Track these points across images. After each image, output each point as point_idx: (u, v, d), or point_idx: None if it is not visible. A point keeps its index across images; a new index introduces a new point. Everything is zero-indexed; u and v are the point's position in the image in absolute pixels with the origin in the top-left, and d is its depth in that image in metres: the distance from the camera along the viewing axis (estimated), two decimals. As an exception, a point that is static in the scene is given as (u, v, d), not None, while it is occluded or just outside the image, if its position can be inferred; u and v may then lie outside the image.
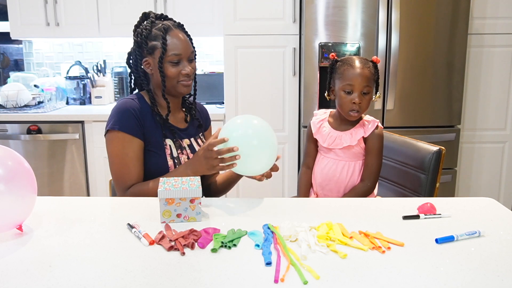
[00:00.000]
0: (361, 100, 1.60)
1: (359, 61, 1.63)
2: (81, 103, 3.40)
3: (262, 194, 3.03)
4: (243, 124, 1.38)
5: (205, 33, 3.18)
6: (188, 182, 1.26)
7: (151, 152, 1.52)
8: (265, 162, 1.39)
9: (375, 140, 1.65)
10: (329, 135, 1.69)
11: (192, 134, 1.63)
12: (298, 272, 0.94)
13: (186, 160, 1.55)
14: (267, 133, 1.38)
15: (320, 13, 2.69)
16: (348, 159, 1.67)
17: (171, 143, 1.55)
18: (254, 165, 1.38)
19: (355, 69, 1.61)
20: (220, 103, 3.28)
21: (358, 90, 1.60)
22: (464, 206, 1.36)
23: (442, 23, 2.71)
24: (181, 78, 1.52)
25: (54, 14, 3.16)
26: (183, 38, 1.53)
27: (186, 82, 1.53)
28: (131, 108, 1.51)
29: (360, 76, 1.60)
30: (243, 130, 1.36)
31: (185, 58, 1.52)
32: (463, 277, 0.93)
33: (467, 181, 3.07)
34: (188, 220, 1.24)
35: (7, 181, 1.06)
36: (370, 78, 1.61)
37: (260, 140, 1.36)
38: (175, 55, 1.50)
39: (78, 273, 0.94)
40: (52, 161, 3.02)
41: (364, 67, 1.61)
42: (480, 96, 2.97)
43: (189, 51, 1.54)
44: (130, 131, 1.48)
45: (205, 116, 1.75)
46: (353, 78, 1.60)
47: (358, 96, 1.60)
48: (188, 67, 1.52)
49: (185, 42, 1.53)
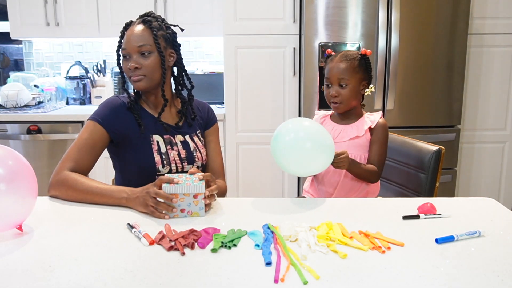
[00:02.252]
0: (338, 93, 1.65)
1: (341, 55, 1.68)
2: (81, 103, 3.41)
3: (262, 194, 3.03)
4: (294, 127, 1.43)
5: (205, 33, 3.18)
6: (192, 178, 1.28)
7: (135, 148, 1.52)
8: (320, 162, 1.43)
9: (380, 129, 1.68)
10: (333, 128, 1.72)
11: (187, 131, 1.61)
12: (298, 272, 0.94)
13: (176, 156, 1.55)
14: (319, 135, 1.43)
15: (320, 13, 2.69)
16: (353, 150, 1.66)
17: (159, 139, 1.54)
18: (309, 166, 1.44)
19: (333, 63, 1.67)
20: (220, 103, 3.28)
21: (335, 83, 1.66)
22: (464, 206, 1.36)
23: (442, 23, 2.71)
24: (129, 73, 1.50)
25: (54, 14, 3.16)
26: (135, 32, 1.47)
27: (135, 77, 1.49)
28: (114, 104, 1.53)
29: (336, 69, 1.65)
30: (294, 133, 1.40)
31: (133, 52, 1.47)
32: (463, 277, 0.93)
33: (467, 181, 3.07)
34: (192, 215, 1.25)
35: (8, 181, 1.06)
36: (347, 70, 1.64)
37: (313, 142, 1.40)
38: (123, 50, 1.50)
39: (78, 273, 0.94)
40: (52, 161, 3.02)
41: (342, 60, 1.65)
42: (480, 96, 2.97)
43: (135, 45, 1.46)
44: (101, 122, 1.49)
45: (207, 114, 1.71)
46: (329, 71, 1.67)
47: (335, 89, 1.65)
48: (131, 62, 1.47)
49: (135, 36, 1.47)
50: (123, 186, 1.38)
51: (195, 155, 1.59)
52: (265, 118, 2.99)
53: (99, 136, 1.49)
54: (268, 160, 3.01)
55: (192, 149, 1.59)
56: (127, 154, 1.54)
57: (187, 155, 1.57)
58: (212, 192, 1.30)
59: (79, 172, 1.43)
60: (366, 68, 1.68)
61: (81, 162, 1.45)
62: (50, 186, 1.42)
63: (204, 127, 1.69)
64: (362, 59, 1.67)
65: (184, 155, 1.56)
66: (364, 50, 1.69)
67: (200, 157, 1.61)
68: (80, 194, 1.36)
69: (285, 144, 1.39)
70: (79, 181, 1.38)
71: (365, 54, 1.68)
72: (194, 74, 3.30)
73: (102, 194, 1.35)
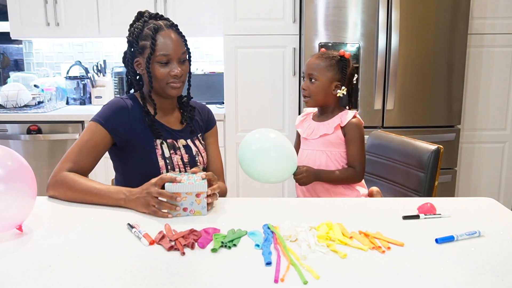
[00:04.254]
0: (306, 87, 1.70)
1: (321, 52, 1.75)
2: (81, 103, 3.41)
3: (262, 194, 3.03)
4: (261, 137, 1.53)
5: (205, 33, 3.18)
6: (194, 177, 1.29)
7: (139, 152, 1.50)
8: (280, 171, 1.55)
9: (353, 129, 1.68)
10: (308, 126, 1.76)
11: (189, 135, 1.60)
12: (298, 272, 0.94)
13: (179, 161, 1.53)
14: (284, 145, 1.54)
15: (320, 13, 2.69)
16: (323, 147, 1.69)
17: (163, 144, 1.52)
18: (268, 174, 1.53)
19: (311, 58, 1.73)
20: (220, 103, 3.28)
21: (307, 77, 1.71)
22: (464, 206, 1.36)
23: (442, 23, 2.71)
24: (170, 79, 1.48)
25: (54, 14, 3.16)
26: (174, 38, 1.48)
27: (175, 84, 1.48)
28: (119, 107, 1.50)
29: (310, 64, 1.71)
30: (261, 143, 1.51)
31: (175, 59, 1.48)
32: (463, 277, 0.93)
33: (467, 181, 3.07)
34: (194, 214, 1.26)
35: (7, 181, 1.06)
36: (319, 66, 1.69)
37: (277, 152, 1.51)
38: (164, 56, 1.46)
39: (78, 273, 0.94)
40: (52, 161, 3.01)
41: (318, 57, 1.71)
42: (480, 96, 2.97)
43: (179, 52, 1.48)
44: (103, 124, 1.46)
45: (206, 117, 1.70)
46: (306, 66, 1.74)
47: (305, 83, 1.71)
48: (177, 68, 1.47)
49: (175, 43, 1.47)
50: (122, 187, 1.37)
51: (197, 159, 1.58)
52: (265, 118, 2.99)
53: (101, 138, 1.46)
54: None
55: (194, 153, 1.57)
56: (131, 158, 1.51)
57: (190, 159, 1.56)
58: (214, 191, 1.31)
59: (78, 174, 1.42)
60: (341, 70, 1.69)
61: (81, 163, 1.44)
62: (48, 186, 1.41)
63: (204, 130, 1.68)
64: (340, 60, 1.69)
65: (187, 159, 1.55)
66: (343, 51, 1.71)
67: (202, 161, 1.60)
68: (78, 194, 1.36)
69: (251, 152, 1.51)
70: (77, 181, 1.38)
71: (343, 56, 1.69)
72: (194, 74, 3.30)
73: (100, 195, 1.34)
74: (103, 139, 1.47)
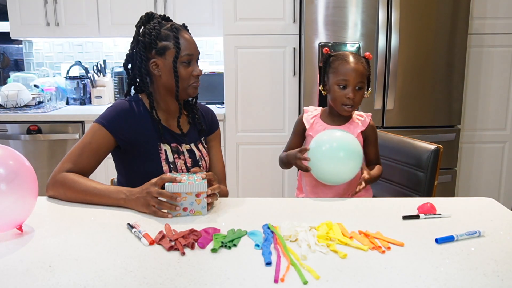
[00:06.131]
0: (355, 95, 1.60)
1: (353, 56, 1.63)
2: (81, 103, 3.40)
3: (262, 194, 3.03)
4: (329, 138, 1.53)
5: (205, 33, 3.18)
6: (194, 177, 1.29)
7: (144, 156, 1.49)
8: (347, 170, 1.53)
9: (373, 131, 1.71)
10: (325, 130, 1.67)
11: (193, 139, 1.58)
12: (298, 272, 0.94)
13: (182, 165, 1.53)
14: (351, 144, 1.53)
15: (320, 13, 2.69)
16: None
17: (167, 148, 1.51)
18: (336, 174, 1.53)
19: (349, 64, 1.61)
20: (220, 103, 3.28)
21: (352, 85, 1.60)
22: (464, 206, 1.36)
23: (442, 23, 2.71)
24: (192, 80, 1.49)
25: (54, 14, 3.16)
26: (192, 39, 1.51)
27: (196, 84, 1.50)
28: (124, 109, 1.48)
29: (355, 71, 1.59)
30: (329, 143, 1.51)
31: (195, 59, 1.50)
32: (463, 277, 0.93)
33: (467, 181, 3.07)
34: (194, 214, 1.26)
35: (8, 181, 1.06)
36: (364, 73, 1.62)
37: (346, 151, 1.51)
38: (188, 55, 1.47)
39: (78, 273, 0.94)
40: (52, 161, 3.02)
41: (358, 63, 1.62)
42: (480, 96, 2.97)
43: (198, 52, 1.52)
44: (106, 126, 1.45)
45: (210, 119, 1.69)
46: (347, 73, 1.60)
47: (352, 91, 1.60)
48: (198, 68, 1.50)
49: (194, 43, 1.51)
50: (121, 187, 1.37)
51: (200, 164, 1.57)
52: (265, 118, 2.99)
53: (104, 140, 1.45)
54: (268, 160, 3.01)
55: (197, 157, 1.57)
56: (134, 161, 1.50)
57: (193, 164, 1.55)
58: (214, 191, 1.31)
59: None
60: (370, 72, 1.69)
61: (81, 165, 1.43)
62: (48, 187, 1.41)
63: (208, 133, 1.67)
64: (368, 63, 1.67)
65: (190, 164, 1.54)
66: (369, 54, 1.67)
67: (205, 166, 1.60)
68: (77, 194, 1.36)
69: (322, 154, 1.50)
70: (76, 181, 1.37)
71: (367, 58, 1.67)
72: (194, 74, 3.30)
73: (100, 195, 1.34)
74: (105, 141, 1.45)
